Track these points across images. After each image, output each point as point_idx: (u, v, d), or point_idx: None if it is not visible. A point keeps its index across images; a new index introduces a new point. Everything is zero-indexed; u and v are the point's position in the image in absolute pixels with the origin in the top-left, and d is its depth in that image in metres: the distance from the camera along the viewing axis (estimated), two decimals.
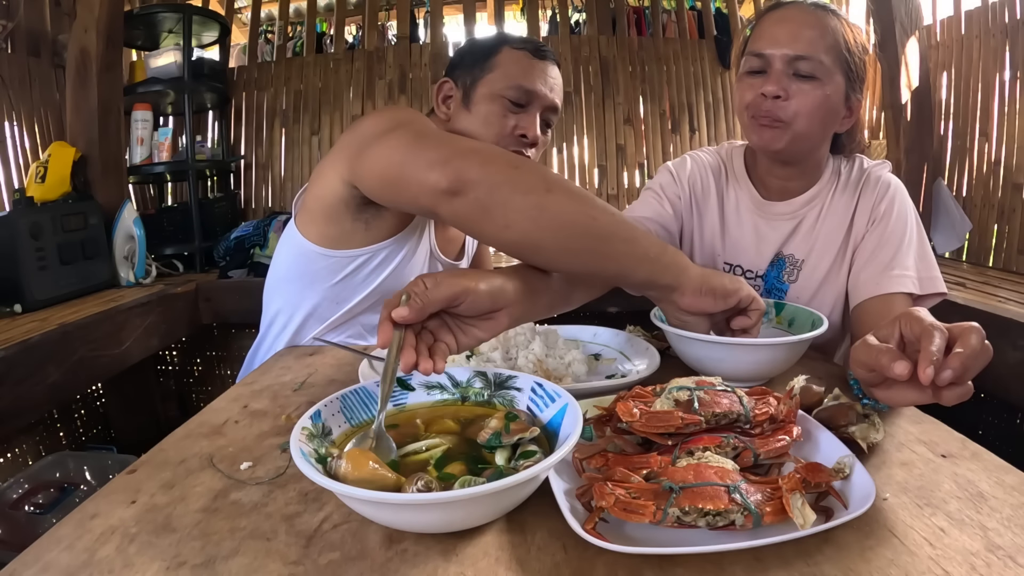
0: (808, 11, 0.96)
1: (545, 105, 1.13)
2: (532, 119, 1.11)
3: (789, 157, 1.03)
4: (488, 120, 1.09)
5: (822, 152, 1.06)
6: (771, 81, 0.94)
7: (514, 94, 1.09)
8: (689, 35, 3.06)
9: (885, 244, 1.01)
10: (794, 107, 0.94)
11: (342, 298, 1.09)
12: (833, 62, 0.94)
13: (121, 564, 0.48)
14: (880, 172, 1.07)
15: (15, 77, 2.14)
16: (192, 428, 0.75)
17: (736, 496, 0.48)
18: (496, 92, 1.09)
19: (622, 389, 0.68)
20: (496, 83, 1.09)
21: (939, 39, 2.42)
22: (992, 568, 0.44)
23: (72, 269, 1.89)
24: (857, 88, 0.99)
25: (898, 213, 1.02)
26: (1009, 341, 1.40)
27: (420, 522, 0.50)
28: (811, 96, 0.94)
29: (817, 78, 0.94)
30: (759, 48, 0.96)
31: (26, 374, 1.42)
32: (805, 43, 0.93)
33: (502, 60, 1.10)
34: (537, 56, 1.12)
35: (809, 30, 0.94)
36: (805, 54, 0.93)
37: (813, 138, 0.99)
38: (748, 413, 0.59)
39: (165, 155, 2.52)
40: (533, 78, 1.10)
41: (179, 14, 2.47)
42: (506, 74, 1.09)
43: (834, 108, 0.97)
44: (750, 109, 0.98)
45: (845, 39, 0.95)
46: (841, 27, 0.95)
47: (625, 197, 2.96)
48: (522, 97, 1.09)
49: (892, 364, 0.55)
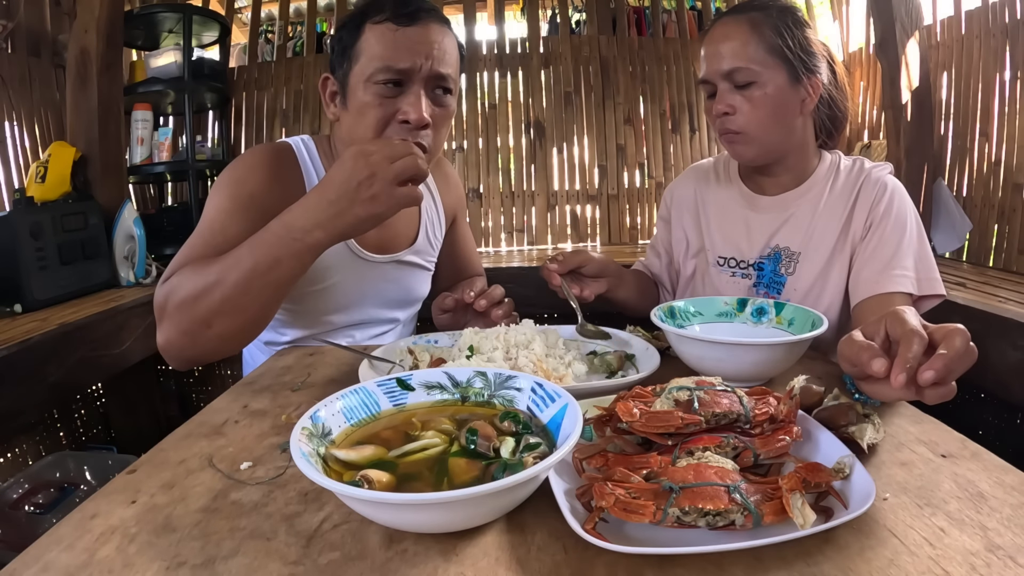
0: (727, 24, 1.02)
1: (427, 76, 0.96)
2: (413, 99, 0.95)
3: (765, 160, 1.08)
4: (363, 114, 0.97)
5: (799, 142, 1.08)
6: (717, 101, 1.03)
7: (384, 76, 0.94)
8: (689, 35, 3.06)
9: (884, 244, 1.02)
10: (742, 118, 1.01)
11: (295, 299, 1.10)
12: (765, 59, 0.98)
13: (121, 564, 0.48)
14: (880, 173, 1.08)
15: (15, 77, 2.14)
16: (192, 428, 0.75)
17: (736, 496, 0.48)
18: (366, 80, 0.95)
19: (622, 389, 0.68)
20: (364, 71, 0.95)
21: (939, 39, 2.41)
22: (992, 568, 0.44)
23: (72, 269, 1.89)
24: (806, 69, 1.01)
25: (897, 214, 1.03)
26: (1009, 341, 1.40)
27: (420, 522, 0.50)
28: (753, 101, 1.00)
29: (754, 82, 0.99)
30: (702, 75, 1.05)
31: (26, 374, 1.42)
32: (730, 56, 0.99)
33: (365, 43, 0.96)
34: (403, 23, 0.95)
35: (729, 42, 1.00)
36: (732, 66, 0.99)
37: (775, 135, 1.03)
38: (748, 413, 0.59)
39: (165, 155, 2.53)
40: (402, 52, 0.94)
41: (179, 14, 2.48)
42: (371, 57, 0.95)
43: (782, 101, 1.01)
44: (715, 129, 1.08)
45: (777, 30, 0.98)
46: (768, 19, 0.99)
47: (625, 197, 2.96)
48: (395, 77, 0.95)
49: (870, 362, 0.59)
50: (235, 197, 0.99)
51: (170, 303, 0.86)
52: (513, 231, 2.98)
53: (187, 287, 0.85)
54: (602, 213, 2.97)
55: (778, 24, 0.99)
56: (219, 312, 0.84)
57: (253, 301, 0.85)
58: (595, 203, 2.98)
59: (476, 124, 2.96)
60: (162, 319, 0.88)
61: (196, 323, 0.85)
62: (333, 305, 1.14)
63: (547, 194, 2.96)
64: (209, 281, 0.83)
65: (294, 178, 1.06)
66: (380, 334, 1.24)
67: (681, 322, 0.96)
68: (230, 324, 0.85)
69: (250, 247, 0.84)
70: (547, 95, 2.98)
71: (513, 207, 2.97)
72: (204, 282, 0.84)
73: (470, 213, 2.95)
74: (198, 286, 0.84)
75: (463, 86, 2.96)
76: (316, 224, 0.81)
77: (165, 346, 0.89)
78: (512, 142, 2.97)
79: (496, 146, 2.96)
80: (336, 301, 1.14)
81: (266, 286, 0.84)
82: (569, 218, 2.98)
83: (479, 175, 2.95)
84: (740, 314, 0.97)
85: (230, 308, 0.84)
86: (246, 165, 1.03)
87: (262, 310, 0.87)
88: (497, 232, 2.98)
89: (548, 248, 2.94)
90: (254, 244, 0.84)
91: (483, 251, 2.90)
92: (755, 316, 0.96)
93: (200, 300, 0.84)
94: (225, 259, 0.85)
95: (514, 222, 2.97)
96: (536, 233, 2.97)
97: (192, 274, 0.87)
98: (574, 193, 2.98)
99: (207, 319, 0.84)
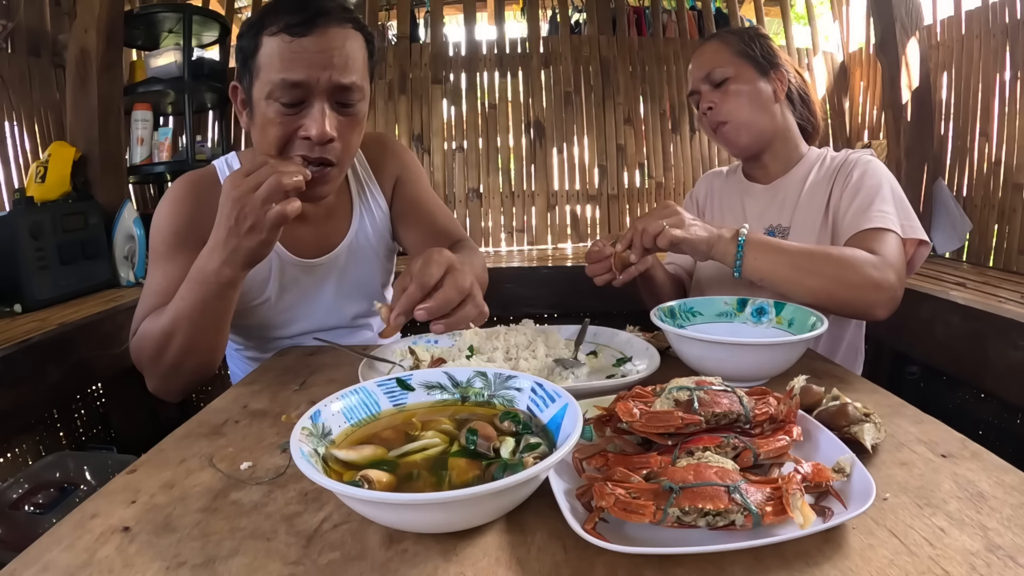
0: (703, 44, 1.24)
1: (327, 89, 0.92)
2: (314, 115, 0.92)
3: (756, 146, 1.21)
4: (265, 131, 0.94)
5: (781, 128, 1.20)
6: (702, 100, 1.21)
7: (282, 94, 0.90)
8: (689, 35, 3.07)
9: (861, 195, 1.08)
10: (724, 108, 1.17)
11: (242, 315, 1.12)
12: (734, 59, 1.17)
13: (121, 564, 0.48)
14: (858, 154, 1.16)
15: (15, 77, 2.14)
16: (192, 428, 0.75)
17: (736, 496, 0.48)
18: (265, 96, 0.92)
19: (622, 389, 0.68)
20: (264, 87, 0.91)
21: (939, 39, 2.42)
22: (992, 568, 0.44)
23: (72, 269, 1.89)
24: (769, 64, 1.17)
25: (870, 174, 1.10)
26: (1009, 341, 1.40)
27: (420, 522, 0.50)
28: (730, 93, 1.17)
29: (728, 78, 1.17)
30: (689, 88, 1.24)
31: (26, 374, 1.42)
32: (706, 63, 1.19)
33: (263, 57, 0.92)
34: (297, 33, 0.89)
35: (705, 55, 1.20)
36: (709, 69, 1.18)
37: (758, 120, 1.17)
38: (748, 413, 0.59)
39: (165, 155, 2.53)
40: (297, 65, 0.89)
41: (179, 14, 2.48)
42: (268, 71, 0.91)
43: (756, 90, 1.17)
44: (706, 128, 1.24)
45: (742, 40, 1.18)
46: (733, 35, 1.21)
47: (625, 197, 2.97)
48: (294, 95, 0.91)
49: None
50: (164, 240, 1.04)
51: (143, 358, 0.97)
52: (513, 231, 2.98)
53: (150, 342, 0.95)
54: (602, 213, 2.97)
55: (743, 36, 1.20)
56: (182, 356, 0.93)
57: (203, 339, 0.93)
58: (595, 203, 2.98)
59: (476, 124, 2.96)
60: (142, 370, 0.99)
61: (168, 369, 0.95)
62: (288, 316, 1.16)
63: (547, 194, 2.96)
64: (163, 333, 0.92)
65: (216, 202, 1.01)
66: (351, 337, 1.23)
67: (681, 322, 0.96)
68: (193, 361, 0.95)
69: (181, 295, 0.91)
70: (547, 95, 2.98)
71: (513, 207, 2.97)
72: (159, 334, 0.93)
73: (470, 213, 2.95)
74: (156, 339, 0.94)
75: (463, 86, 2.96)
76: (221, 264, 0.86)
77: (155, 391, 1.00)
78: (512, 142, 2.97)
79: (496, 146, 2.96)
80: (289, 309, 1.15)
81: (207, 325, 0.92)
82: (569, 218, 2.98)
83: (479, 175, 2.96)
84: (740, 314, 0.97)
85: (188, 350, 0.93)
86: (167, 204, 1.06)
87: (213, 342, 0.96)
88: (497, 232, 2.98)
89: (548, 248, 2.94)
90: (184, 292, 0.91)
91: (483, 251, 2.90)
92: (755, 316, 0.96)
93: (164, 351, 0.93)
94: (168, 310, 0.93)
95: (514, 222, 2.97)
96: (536, 233, 2.97)
97: (149, 327, 0.96)
98: (574, 193, 2.98)
99: (175, 364, 0.94)
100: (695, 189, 1.44)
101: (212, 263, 0.87)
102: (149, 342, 0.95)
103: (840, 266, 0.95)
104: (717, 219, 1.31)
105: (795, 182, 1.20)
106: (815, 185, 1.17)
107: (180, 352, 0.93)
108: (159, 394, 1.00)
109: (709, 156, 2.99)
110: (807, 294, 0.95)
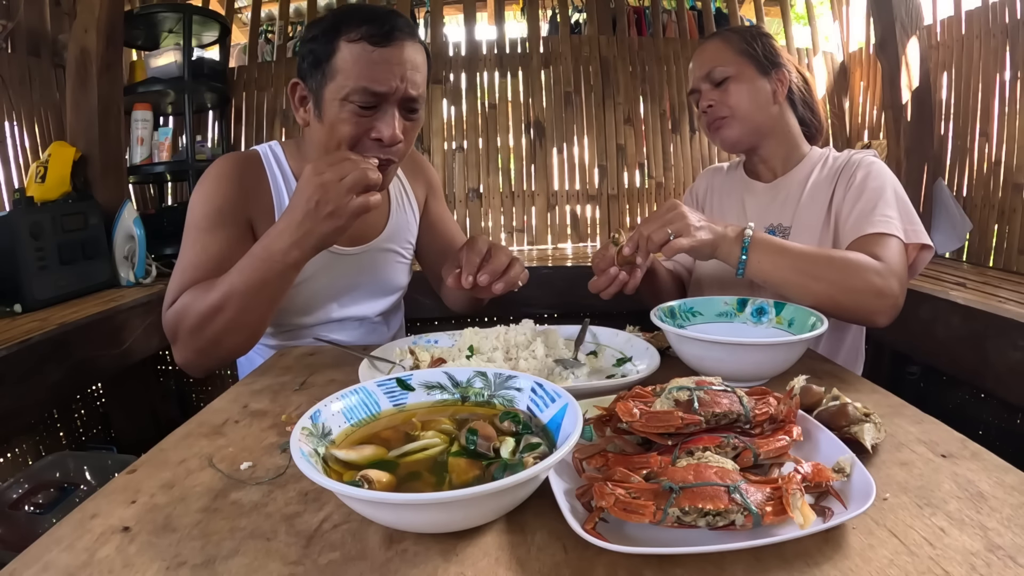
0: (704, 42, 1.23)
1: (400, 98, 0.98)
2: (387, 119, 0.98)
3: (749, 141, 1.21)
4: (336, 129, 0.98)
5: (780, 127, 1.20)
6: (702, 99, 1.21)
7: (360, 98, 0.96)
8: (689, 35, 3.07)
9: (865, 198, 1.07)
10: (724, 106, 1.18)
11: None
12: (735, 58, 1.17)
13: (121, 564, 0.48)
14: (861, 155, 1.15)
15: (15, 77, 2.14)
16: (192, 428, 0.75)
17: (736, 496, 0.48)
18: (341, 98, 0.96)
19: (622, 389, 0.68)
20: (340, 89, 0.96)
21: (939, 39, 2.41)
22: (992, 568, 0.44)
23: (72, 269, 1.89)
24: (771, 64, 1.18)
25: (874, 176, 1.09)
26: (1009, 341, 1.40)
27: (420, 522, 0.50)
28: (730, 91, 1.17)
29: (729, 77, 1.17)
30: (690, 86, 1.25)
31: (26, 374, 1.42)
32: (707, 62, 1.19)
33: (341, 61, 0.96)
34: (378, 43, 0.95)
35: (706, 53, 1.20)
36: (710, 68, 1.18)
37: (754, 117, 1.17)
38: (748, 413, 0.59)
39: (165, 155, 2.53)
40: (378, 74, 0.95)
41: (179, 14, 2.48)
42: (347, 76, 0.96)
43: (756, 89, 1.17)
44: (705, 126, 1.24)
45: (743, 39, 1.18)
46: (735, 33, 1.21)
47: (625, 197, 2.96)
48: (370, 100, 0.96)
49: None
50: (207, 215, 1.05)
51: (181, 329, 0.97)
52: (513, 231, 2.98)
53: (193, 314, 0.95)
54: (602, 213, 2.97)
55: (744, 35, 1.19)
56: (225, 332, 0.95)
57: (252, 317, 0.96)
58: (595, 203, 2.98)
59: (476, 124, 2.96)
60: (175, 341, 0.99)
61: (207, 343, 0.96)
62: (312, 302, 1.17)
63: (547, 194, 2.96)
64: (211, 307, 0.93)
65: (260, 185, 1.11)
66: (366, 332, 1.25)
67: (681, 322, 0.96)
68: (236, 339, 0.97)
69: (240, 272, 0.93)
70: (547, 95, 2.98)
71: (513, 207, 2.97)
72: (207, 307, 0.93)
73: (470, 213, 2.95)
74: (202, 312, 0.94)
75: (463, 86, 2.96)
76: (291, 244, 0.90)
77: (184, 364, 1.00)
78: (512, 142, 2.97)
79: (496, 146, 2.96)
80: (314, 296, 1.16)
81: (260, 303, 0.95)
82: (569, 218, 2.98)
83: (479, 175, 2.95)
84: (740, 314, 0.97)
85: (234, 327, 0.95)
86: (210, 180, 1.08)
87: (261, 322, 0.99)
88: (497, 232, 2.98)
89: (548, 248, 2.94)
90: (243, 269, 0.93)
91: None
92: (755, 316, 0.96)
93: (207, 325, 0.94)
94: (220, 284, 0.94)
95: (514, 222, 2.97)
96: (536, 233, 2.97)
97: (194, 300, 0.96)
98: (574, 193, 2.98)
99: (216, 339, 0.95)
100: (695, 184, 1.43)
101: (280, 243, 0.90)
102: (192, 314, 0.95)
103: (844, 271, 0.95)
104: (717, 216, 1.30)
105: (797, 181, 1.20)
106: (817, 185, 1.17)
107: (225, 327, 0.94)
108: (186, 367, 1.01)
109: (709, 156, 2.99)
110: (810, 297, 0.95)
